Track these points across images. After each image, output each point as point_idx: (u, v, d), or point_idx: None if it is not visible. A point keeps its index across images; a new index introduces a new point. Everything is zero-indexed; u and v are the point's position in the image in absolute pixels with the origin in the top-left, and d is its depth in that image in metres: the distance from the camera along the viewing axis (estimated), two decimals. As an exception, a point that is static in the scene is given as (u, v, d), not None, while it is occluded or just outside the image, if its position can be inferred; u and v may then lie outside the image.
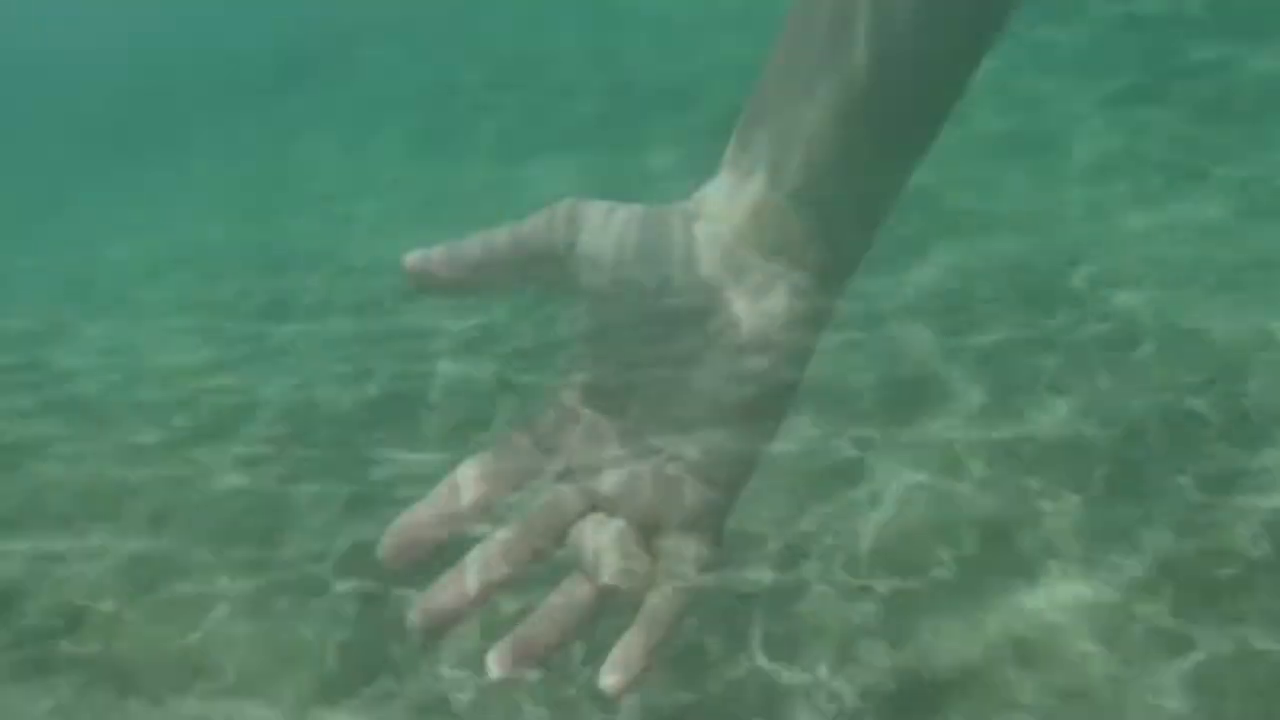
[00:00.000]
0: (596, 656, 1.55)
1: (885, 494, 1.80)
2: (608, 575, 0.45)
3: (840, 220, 0.42)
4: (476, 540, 0.47)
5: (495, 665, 0.45)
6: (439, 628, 0.45)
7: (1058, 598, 1.53)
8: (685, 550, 0.45)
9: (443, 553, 0.46)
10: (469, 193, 3.49)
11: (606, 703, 1.48)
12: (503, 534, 0.46)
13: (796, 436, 1.99)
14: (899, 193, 0.43)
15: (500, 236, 0.45)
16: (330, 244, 3.44)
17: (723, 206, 0.43)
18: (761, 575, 1.66)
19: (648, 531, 0.46)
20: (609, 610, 0.46)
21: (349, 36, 5.15)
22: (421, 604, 0.45)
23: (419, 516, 0.46)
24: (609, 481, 0.46)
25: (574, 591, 0.46)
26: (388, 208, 3.58)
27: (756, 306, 0.42)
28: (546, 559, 0.47)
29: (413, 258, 0.46)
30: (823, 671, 1.47)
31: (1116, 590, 1.52)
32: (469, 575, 0.46)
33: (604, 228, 0.44)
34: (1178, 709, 1.33)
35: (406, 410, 2.37)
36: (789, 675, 1.47)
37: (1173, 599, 1.49)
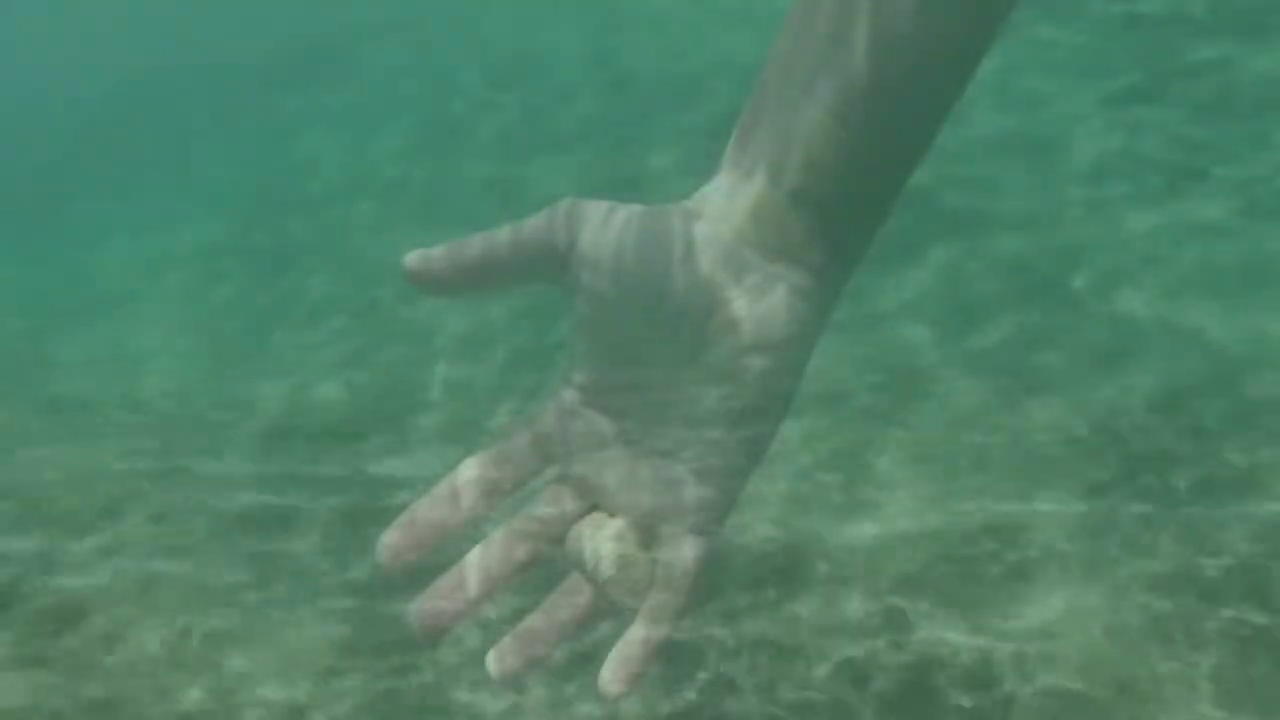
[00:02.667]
0: (596, 656, 1.55)
1: (884, 493, 1.80)
2: (607, 576, 0.45)
3: (840, 220, 0.42)
4: (476, 540, 0.47)
5: (495, 665, 0.45)
6: (439, 627, 0.45)
7: (1057, 599, 1.53)
8: (685, 550, 0.45)
9: (442, 553, 0.46)
10: (469, 193, 3.49)
11: (606, 703, 1.48)
12: (502, 534, 0.46)
13: (796, 436, 1.99)
14: (899, 192, 0.43)
15: (501, 236, 0.45)
16: (330, 244, 3.44)
17: (723, 206, 0.43)
18: (761, 575, 1.66)
19: (647, 531, 0.46)
20: (609, 610, 0.46)
21: (349, 36, 5.15)
22: (421, 604, 0.45)
23: (418, 516, 0.46)
24: (609, 481, 0.46)
25: (574, 592, 0.46)
26: (388, 208, 3.58)
27: (756, 306, 0.42)
28: (546, 559, 0.47)
29: (413, 258, 0.46)
30: (823, 671, 1.47)
31: (1116, 591, 1.52)
32: (469, 575, 0.46)
33: (604, 228, 0.43)
34: (1179, 708, 1.33)
35: (406, 410, 2.37)
36: (789, 675, 1.47)
37: (1173, 599, 1.49)
